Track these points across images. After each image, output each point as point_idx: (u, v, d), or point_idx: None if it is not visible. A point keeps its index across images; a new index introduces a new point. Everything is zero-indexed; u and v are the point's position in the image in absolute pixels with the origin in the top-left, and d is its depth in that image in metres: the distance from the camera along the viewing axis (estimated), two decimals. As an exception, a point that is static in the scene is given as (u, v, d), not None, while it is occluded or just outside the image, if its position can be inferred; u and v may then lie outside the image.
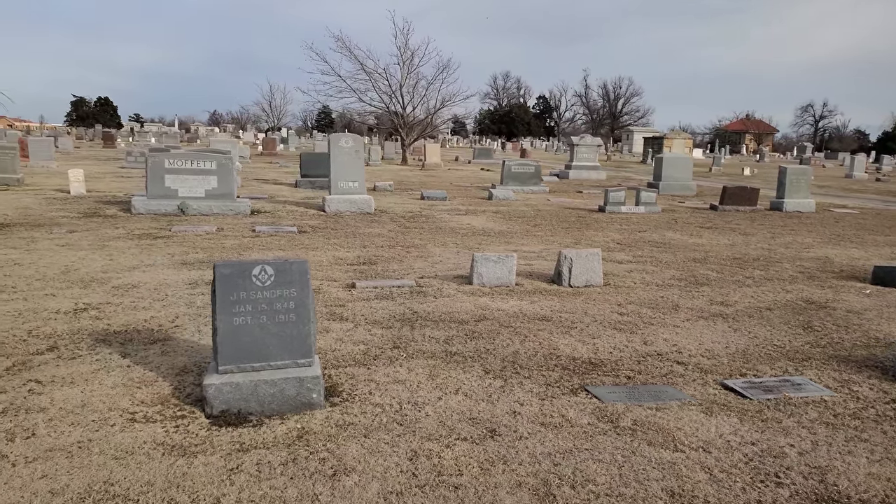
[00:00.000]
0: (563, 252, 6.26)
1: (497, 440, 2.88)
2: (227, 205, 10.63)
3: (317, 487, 2.46)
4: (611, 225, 10.66)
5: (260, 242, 8.00)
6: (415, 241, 8.46)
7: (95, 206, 10.88)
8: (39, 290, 5.31)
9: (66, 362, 3.74)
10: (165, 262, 6.57)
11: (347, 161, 11.48)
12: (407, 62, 27.18)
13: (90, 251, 7.01)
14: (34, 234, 8.06)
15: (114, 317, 4.63)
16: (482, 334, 4.47)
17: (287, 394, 3.21)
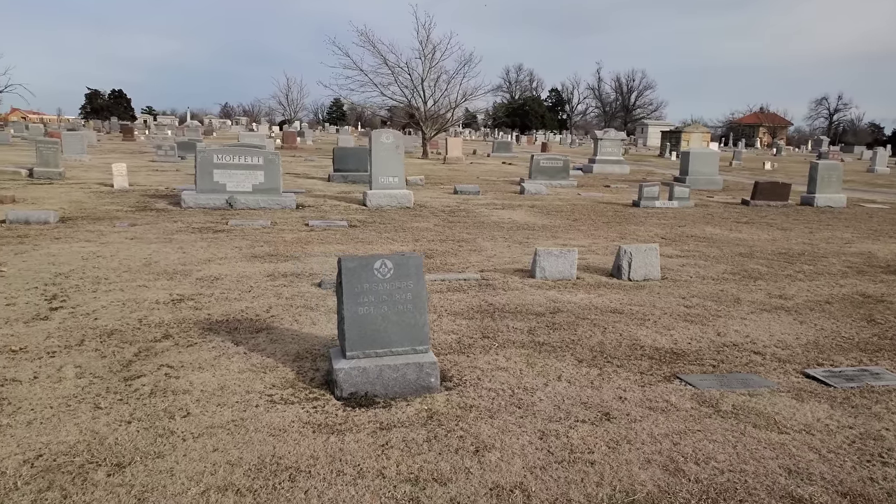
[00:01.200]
0: (623, 247, 6.46)
1: (614, 422, 3.11)
2: (274, 199, 10.90)
3: (465, 462, 2.70)
4: (648, 220, 10.83)
5: (316, 236, 8.24)
6: (463, 236, 8.69)
7: (144, 200, 11.18)
8: (130, 281, 5.59)
9: (185, 349, 4.00)
10: (236, 256, 6.83)
11: (388, 156, 11.71)
12: (429, 56, 27.38)
13: (160, 244, 7.30)
14: (98, 227, 8.35)
15: (211, 307, 4.90)
16: (562, 326, 4.70)
17: (408, 378, 3.45)
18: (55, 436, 2.89)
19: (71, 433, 2.91)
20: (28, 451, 2.75)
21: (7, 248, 6.77)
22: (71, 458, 2.71)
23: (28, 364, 3.70)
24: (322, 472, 2.62)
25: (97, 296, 5.09)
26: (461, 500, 2.44)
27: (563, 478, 2.61)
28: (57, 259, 6.31)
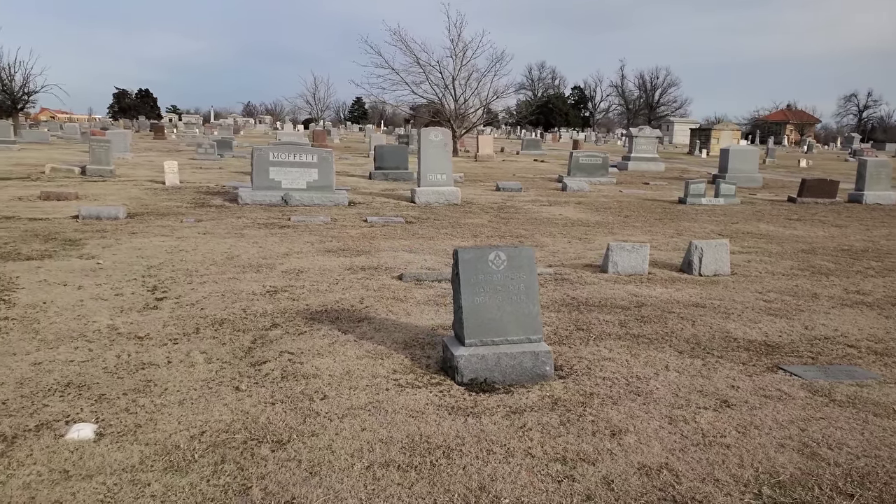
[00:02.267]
0: (693, 242, 6.51)
1: (735, 409, 3.21)
2: (327, 196, 11.12)
3: (605, 443, 2.82)
4: (699, 216, 10.83)
5: (378, 232, 8.42)
6: (520, 232, 8.80)
7: (199, 197, 11.47)
8: (220, 274, 5.80)
9: (297, 337, 4.18)
10: (310, 250, 7.03)
11: (436, 154, 11.86)
12: (460, 55, 27.50)
13: (234, 239, 7.52)
14: (166, 222, 8.62)
15: (306, 298, 5.08)
16: (651, 319, 4.79)
17: (524, 366, 3.57)
18: (209, 415, 3.08)
19: (224, 412, 3.09)
20: (191, 428, 2.94)
21: (92, 241, 7.06)
22: (231, 434, 2.89)
23: (157, 350, 3.91)
24: (472, 450, 2.76)
25: (194, 287, 5.31)
26: (613, 478, 2.56)
27: (704, 459, 2.72)
28: (143, 253, 6.56)
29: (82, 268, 5.81)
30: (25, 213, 9.04)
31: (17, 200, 10.37)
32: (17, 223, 8.11)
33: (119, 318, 4.45)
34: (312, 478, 2.55)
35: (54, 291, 5.02)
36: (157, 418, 3.03)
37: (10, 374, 3.47)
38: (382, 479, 2.54)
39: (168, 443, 2.81)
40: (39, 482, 2.51)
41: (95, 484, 2.49)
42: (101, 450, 2.75)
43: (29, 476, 2.55)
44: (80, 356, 3.75)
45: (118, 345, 3.96)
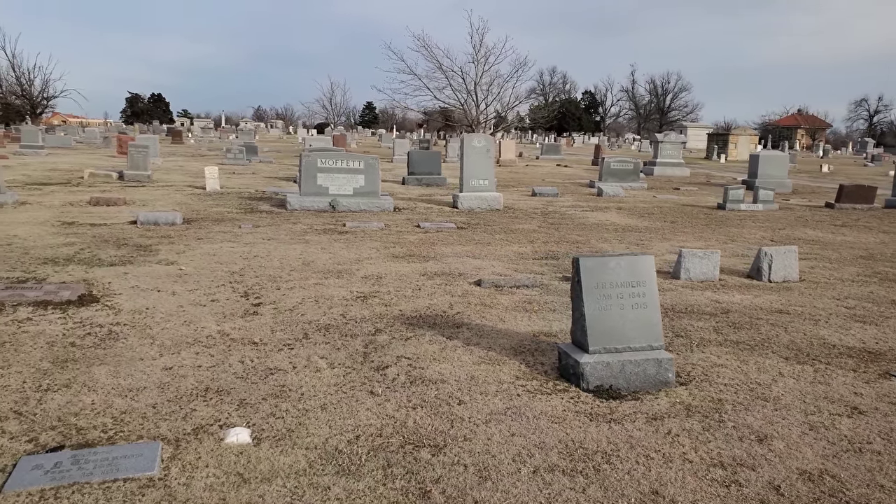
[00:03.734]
0: (763, 249, 6.55)
1: (868, 416, 3.25)
2: (373, 202, 11.21)
3: (755, 449, 2.87)
4: (744, 222, 10.85)
5: (436, 238, 8.49)
6: (574, 237, 8.85)
7: (245, 203, 11.59)
8: (303, 279, 5.88)
9: (405, 342, 4.25)
10: (379, 256, 7.11)
11: (479, 160, 11.94)
12: (482, 61, 27.62)
13: (300, 245, 7.60)
14: (224, 228, 8.72)
15: (397, 304, 5.15)
16: (742, 325, 4.83)
17: (648, 373, 3.63)
18: (356, 419, 3.15)
19: (370, 417, 3.16)
20: (344, 433, 3.01)
21: (164, 247, 7.17)
22: (386, 439, 2.96)
23: (276, 355, 3.99)
24: (630, 455, 2.82)
25: (284, 293, 5.40)
26: (779, 484, 2.62)
27: (860, 465, 2.77)
28: (219, 258, 6.66)
29: (167, 273, 5.92)
30: (83, 218, 9.17)
31: (70, 206, 10.52)
32: (81, 229, 8.24)
33: (226, 324, 4.54)
34: (485, 482, 2.61)
35: (151, 297, 5.12)
36: (306, 423, 3.11)
37: (147, 379, 3.56)
38: (554, 484, 2.60)
39: (328, 447, 2.88)
40: (221, 485, 2.58)
41: (277, 487, 2.56)
42: (265, 454, 2.83)
43: (207, 479, 2.63)
44: (205, 361, 3.85)
45: (237, 350, 4.05)
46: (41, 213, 9.52)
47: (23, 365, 3.68)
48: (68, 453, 2.78)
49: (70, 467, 2.69)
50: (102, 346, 4.02)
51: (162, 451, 2.78)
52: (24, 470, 2.66)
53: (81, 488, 2.52)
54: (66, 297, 4.87)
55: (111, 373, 3.61)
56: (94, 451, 2.80)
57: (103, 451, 2.81)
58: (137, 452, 2.81)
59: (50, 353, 3.86)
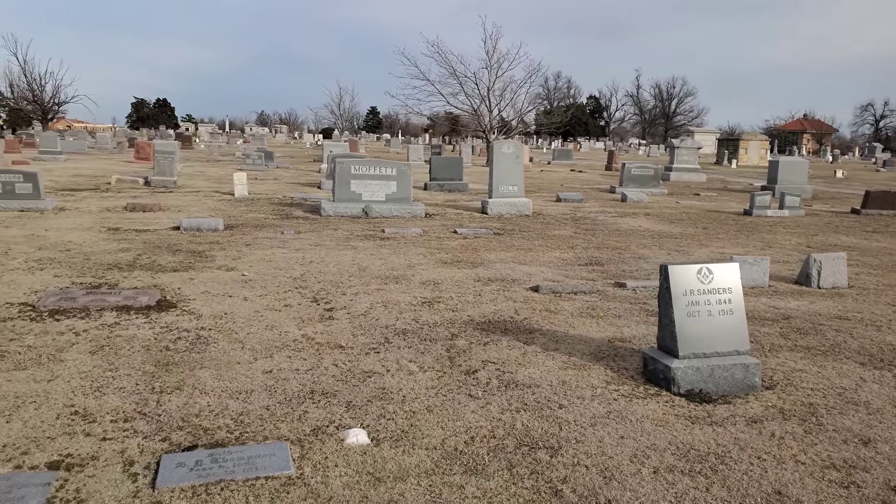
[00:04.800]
0: (812, 255, 6.65)
1: (959, 419, 3.35)
2: (405, 208, 11.34)
3: (862, 452, 2.97)
4: (774, 228, 10.95)
5: (477, 244, 8.59)
6: (613, 243, 8.95)
7: (278, 209, 11.72)
8: (364, 285, 5.99)
9: (484, 347, 4.35)
10: (428, 262, 7.22)
11: (508, 166, 12.06)
12: (495, 67, 27.80)
13: (349, 251, 7.70)
14: (268, 234, 8.84)
15: (464, 309, 5.25)
16: (807, 331, 4.93)
17: (736, 377, 3.73)
18: (465, 421, 3.25)
19: (479, 419, 3.26)
20: (458, 434, 3.11)
21: (218, 253, 7.28)
22: (500, 440, 3.06)
23: (365, 358, 4.09)
24: (741, 457, 2.92)
25: (351, 298, 5.50)
26: (895, 484, 2.71)
27: (967, 467, 2.87)
28: (277, 264, 6.78)
29: (231, 279, 6.03)
30: (126, 224, 9.30)
31: (107, 211, 10.65)
32: (129, 235, 8.36)
33: (307, 328, 4.65)
34: (610, 481, 2.71)
35: (226, 302, 5.23)
36: (418, 424, 3.21)
37: (252, 382, 3.67)
38: (678, 484, 2.70)
39: (446, 447, 2.98)
40: (356, 483, 2.68)
41: (412, 486, 2.66)
42: (388, 454, 2.93)
43: (342, 477, 2.73)
44: (300, 365, 3.95)
45: (326, 354, 4.15)
46: (83, 219, 9.65)
47: (128, 368, 3.79)
48: (204, 452, 2.89)
49: (211, 465, 2.80)
50: (196, 350, 4.13)
51: (290, 452, 2.90)
52: (169, 467, 2.77)
53: (228, 485, 2.63)
54: (145, 302, 4.98)
55: (215, 376, 3.72)
56: (229, 451, 2.91)
57: (237, 451, 2.92)
58: (269, 452, 2.92)
59: (150, 357, 3.97)
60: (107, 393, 3.44)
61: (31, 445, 2.89)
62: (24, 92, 50.14)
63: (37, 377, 3.60)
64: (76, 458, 2.81)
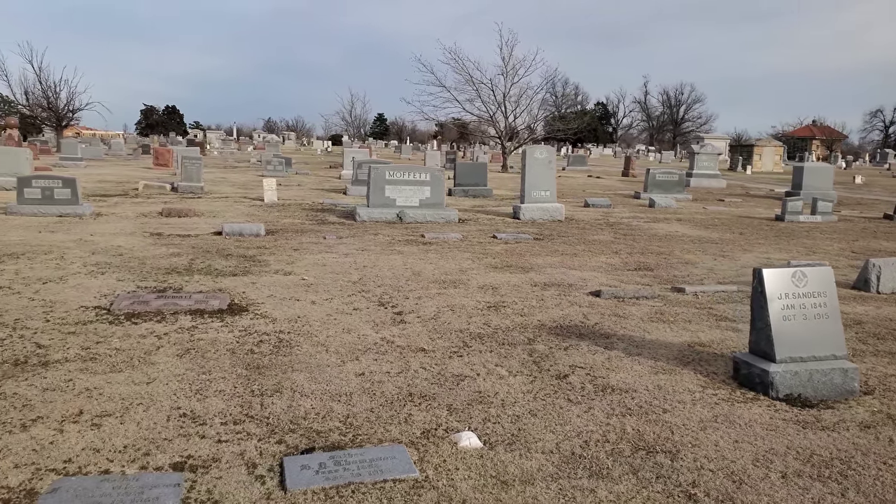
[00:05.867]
0: (871, 260, 6.61)
1: None
2: (439, 213, 11.35)
3: (985, 456, 2.94)
4: (812, 234, 10.90)
5: (520, 249, 8.56)
6: (654, 248, 8.92)
7: (312, 214, 11.74)
8: (423, 289, 5.98)
9: (565, 352, 4.33)
10: (478, 266, 7.21)
11: (541, 171, 12.07)
12: (511, 73, 27.89)
13: (397, 256, 7.69)
14: (311, 239, 8.84)
15: (532, 314, 5.24)
16: (884, 336, 4.87)
17: (834, 382, 3.69)
18: (572, 425, 3.22)
19: (587, 423, 3.24)
20: (571, 438, 3.09)
21: (269, 258, 7.29)
22: (615, 445, 3.04)
23: (452, 361, 4.08)
24: (867, 462, 2.88)
25: (416, 302, 5.49)
26: None
27: None
28: (331, 269, 6.77)
29: (292, 283, 6.03)
30: (166, 229, 9.33)
31: (144, 217, 10.69)
32: (174, 240, 8.38)
33: (383, 332, 4.64)
34: (741, 486, 2.68)
35: (295, 306, 5.23)
36: (526, 428, 3.19)
37: (348, 385, 3.65)
38: (811, 489, 2.66)
39: (563, 451, 2.96)
40: (484, 486, 2.66)
41: (541, 489, 2.64)
42: (506, 458, 2.91)
43: (468, 480, 2.71)
44: (389, 367, 3.94)
45: (411, 357, 4.13)
46: (124, 224, 9.68)
47: (221, 371, 3.79)
48: (325, 455, 2.88)
49: (335, 468, 2.78)
50: (281, 353, 4.13)
51: (409, 454, 2.89)
52: (294, 470, 2.76)
53: (358, 488, 2.61)
54: (217, 306, 4.98)
55: (309, 378, 3.71)
56: (348, 453, 2.90)
57: (356, 453, 2.90)
58: (389, 455, 2.90)
59: (238, 360, 3.97)
60: (208, 395, 3.44)
61: (150, 447, 2.89)
62: (38, 99, 50.59)
63: (135, 379, 3.61)
64: (198, 460, 2.80)
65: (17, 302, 5.02)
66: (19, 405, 3.23)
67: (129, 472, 2.71)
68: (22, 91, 48.76)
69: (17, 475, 2.63)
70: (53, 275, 6.02)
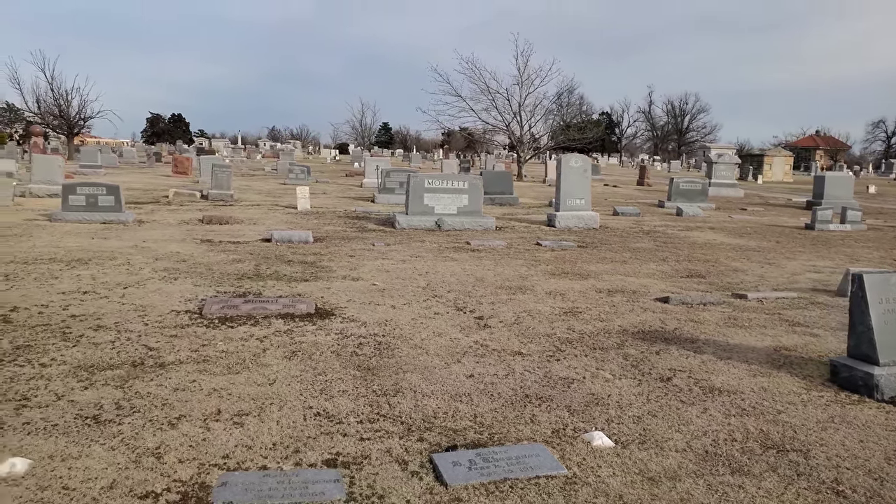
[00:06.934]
0: (928, 268, 6.73)
1: None
2: (476, 220, 11.46)
3: None
4: (847, 242, 11.01)
5: (570, 256, 8.65)
6: (699, 256, 9.01)
7: (349, 222, 11.84)
8: (493, 295, 6.07)
9: (657, 355, 4.42)
10: (537, 273, 7.30)
11: (576, 180, 12.19)
12: (527, 83, 28.13)
13: (456, 263, 7.79)
14: (359, 245, 8.92)
15: (610, 319, 5.33)
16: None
17: (936, 384, 3.79)
18: (696, 424, 3.30)
19: (708, 423, 3.32)
20: (700, 437, 3.16)
21: (330, 264, 7.38)
22: (743, 443, 3.11)
23: (553, 365, 4.16)
24: None
25: (490, 307, 5.57)
26: None
27: None
28: (395, 274, 6.87)
29: (365, 289, 6.12)
30: (214, 236, 9.43)
31: (186, 224, 10.79)
32: (228, 246, 8.48)
33: (473, 336, 4.73)
34: (885, 483, 2.76)
35: (378, 310, 5.32)
36: (652, 429, 3.27)
37: (463, 386, 3.74)
38: (951, 485, 2.76)
39: (696, 449, 3.04)
40: (633, 483, 2.73)
41: (690, 485, 2.72)
42: (643, 456, 2.99)
43: (615, 477, 2.78)
44: (494, 370, 4.02)
45: (512, 361, 4.21)
46: (170, 231, 9.79)
47: (334, 372, 3.87)
48: (470, 452, 2.96)
49: (485, 465, 2.86)
50: (385, 355, 4.22)
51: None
52: (447, 466, 2.83)
53: (515, 483, 2.69)
54: (304, 310, 5.07)
55: (424, 379, 3.80)
56: (493, 451, 2.98)
57: (501, 451, 2.98)
58: (532, 453, 2.98)
59: (346, 361, 4.06)
60: (333, 395, 3.52)
61: (297, 444, 2.98)
62: (50, 107, 50.94)
63: (256, 380, 3.70)
64: (348, 457, 2.89)
65: (109, 306, 5.12)
66: (158, 404, 3.32)
67: (285, 468, 2.80)
68: (34, 99, 49.24)
69: (185, 469, 2.72)
70: (129, 280, 6.13)
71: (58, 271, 6.41)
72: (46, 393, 3.39)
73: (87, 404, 3.27)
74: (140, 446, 2.89)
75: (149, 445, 2.90)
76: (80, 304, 5.12)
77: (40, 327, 4.48)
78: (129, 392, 3.45)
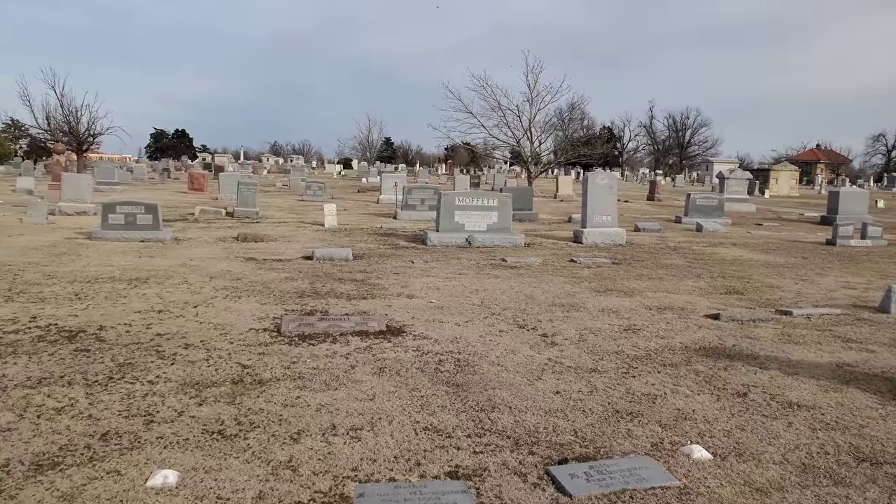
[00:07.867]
0: (966, 284, 6.91)
1: None
2: (506, 237, 11.65)
3: None
4: (872, 257, 11.20)
5: (606, 273, 8.81)
6: (732, 272, 9.18)
7: (380, 239, 12.04)
8: (546, 312, 6.24)
9: (725, 371, 4.57)
10: (581, 290, 7.47)
11: (603, 197, 12.42)
12: (537, 100, 28.49)
13: (501, 280, 7.96)
14: (398, 262, 9.11)
15: (669, 336, 5.50)
16: None
17: None
18: (785, 437, 3.46)
19: (796, 437, 3.48)
20: (794, 450, 3.32)
21: (381, 282, 7.56)
22: (836, 456, 3.27)
23: (630, 382, 4.32)
24: None
25: (552, 325, 5.74)
26: None
27: None
28: (446, 292, 7.05)
29: (423, 306, 6.29)
30: (255, 254, 9.59)
31: (222, 242, 10.98)
32: (273, 264, 8.65)
33: (545, 353, 4.90)
34: (980, 492, 2.93)
35: (445, 328, 5.49)
36: (743, 441, 3.43)
37: (552, 402, 3.90)
38: None
39: (793, 462, 3.20)
40: (744, 493, 2.89)
41: (799, 496, 2.87)
42: (744, 468, 3.14)
43: (724, 488, 2.93)
44: (577, 386, 4.18)
45: (591, 377, 4.38)
46: (210, 249, 9.98)
47: (426, 388, 4.03)
48: (583, 465, 3.12)
49: (600, 477, 3.02)
50: (466, 371, 4.38)
51: (656, 465, 3.13)
52: (565, 478, 2.99)
53: (634, 494, 2.85)
54: (376, 327, 5.24)
55: (514, 395, 3.96)
56: (604, 464, 3.14)
57: (612, 464, 3.14)
58: (641, 465, 3.14)
59: (433, 378, 4.22)
60: (435, 411, 3.68)
61: (417, 457, 3.14)
62: (59, 124, 51.44)
63: (356, 396, 3.86)
64: (468, 469, 3.05)
65: (189, 325, 5.30)
66: (275, 420, 3.48)
67: (412, 479, 2.96)
68: (44, 116, 49.74)
69: (322, 481, 2.87)
70: (194, 298, 6.30)
71: (123, 290, 6.59)
72: (166, 409, 3.56)
73: (209, 420, 3.44)
74: (273, 459, 3.05)
75: (280, 459, 3.06)
76: (160, 323, 5.30)
77: (133, 346, 4.65)
78: (241, 408, 3.62)
